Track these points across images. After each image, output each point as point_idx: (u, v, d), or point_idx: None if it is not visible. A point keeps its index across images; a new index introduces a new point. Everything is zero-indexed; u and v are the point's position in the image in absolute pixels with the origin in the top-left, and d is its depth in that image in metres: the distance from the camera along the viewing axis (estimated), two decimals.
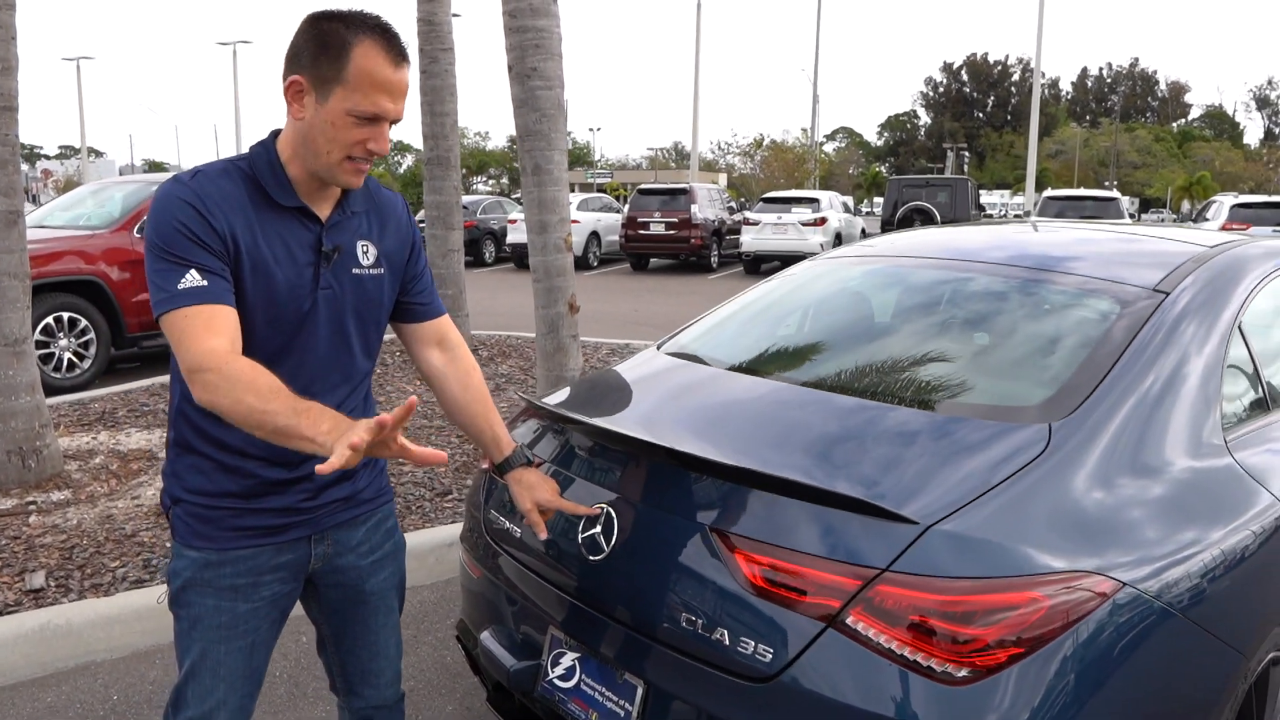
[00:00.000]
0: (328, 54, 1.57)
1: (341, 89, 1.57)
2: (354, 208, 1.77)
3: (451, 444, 5.49)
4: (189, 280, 1.55)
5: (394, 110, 1.62)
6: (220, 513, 1.73)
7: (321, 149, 1.62)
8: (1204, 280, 2.36)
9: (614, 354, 8.60)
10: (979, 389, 2.24)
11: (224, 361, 1.51)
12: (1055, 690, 1.58)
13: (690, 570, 1.87)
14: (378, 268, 1.80)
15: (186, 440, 1.73)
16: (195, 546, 1.74)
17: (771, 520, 1.81)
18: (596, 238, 21.19)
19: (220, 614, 1.75)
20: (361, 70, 1.57)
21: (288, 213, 1.67)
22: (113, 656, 3.36)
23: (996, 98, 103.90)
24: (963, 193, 20.03)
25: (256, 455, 1.71)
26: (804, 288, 3.07)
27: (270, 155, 1.68)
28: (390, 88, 1.60)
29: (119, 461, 5.17)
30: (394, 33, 1.61)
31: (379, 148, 1.63)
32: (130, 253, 8.06)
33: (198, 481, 1.73)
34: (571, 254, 5.54)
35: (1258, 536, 2.00)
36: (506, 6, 5.25)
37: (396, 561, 2.01)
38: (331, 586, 1.91)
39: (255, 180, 1.66)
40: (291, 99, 1.62)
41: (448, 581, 4.03)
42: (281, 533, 1.77)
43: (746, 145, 45.92)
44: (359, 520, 1.90)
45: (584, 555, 2.06)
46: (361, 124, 1.60)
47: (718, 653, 1.77)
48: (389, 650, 2.01)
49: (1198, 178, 53.14)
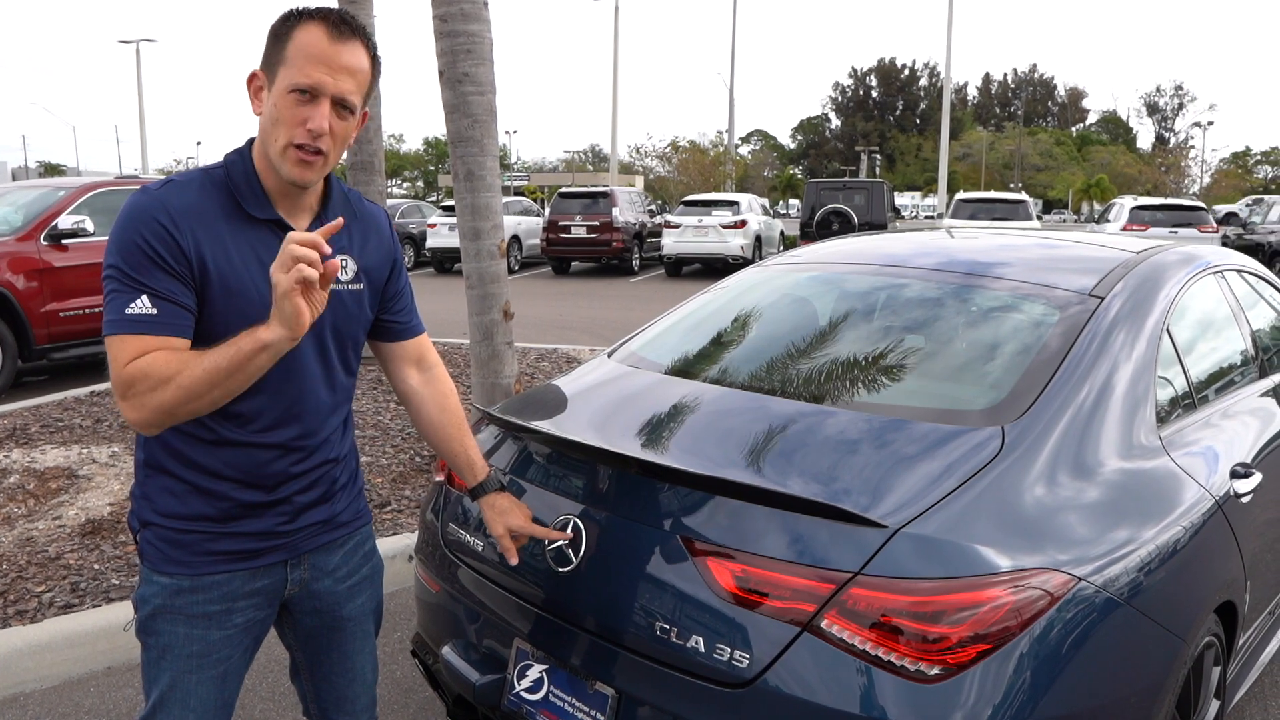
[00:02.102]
0: (277, 42, 1.58)
1: (284, 70, 1.56)
2: (331, 220, 1.70)
3: (387, 454, 5.41)
4: (139, 306, 1.50)
5: (333, 85, 1.55)
6: (194, 536, 1.67)
7: (271, 137, 1.58)
8: (1134, 285, 2.48)
9: (543, 359, 8.58)
10: (933, 394, 2.31)
11: (145, 364, 1.48)
12: (1020, 682, 1.65)
13: (662, 579, 1.89)
14: (357, 283, 1.76)
15: (158, 461, 1.67)
16: (166, 572, 1.68)
17: (743, 527, 1.84)
18: (517, 241, 21.07)
19: (192, 643, 1.69)
20: (299, 45, 1.56)
21: (262, 225, 1.63)
22: (43, 686, 3.23)
23: (905, 102, 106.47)
24: (879, 195, 20.48)
25: (232, 477, 1.66)
26: (750, 295, 3.11)
27: (246, 164, 1.63)
28: (328, 59, 1.55)
29: (36, 480, 4.95)
30: (342, 15, 1.59)
31: (317, 125, 1.55)
32: (37, 261, 7.74)
33: (170, 504, 1.67)
34: (505, 260, 5.51)
35: (1191, 529, 2.11)
36: (437, 10, 5.19)
37: (374, 585, 1.96)
38: (307, 613, 1.86)
39: (230, 190, 1.61)
40: (253, 95, 1.61)
41: (391, 595, 3.97)
42: (257, 557, 1.72)
43: (664, 148, 46.10)
44: (337, 544, 1.85)
45: (551, 567, 2.06)
46: (302, 102, 1.55)
47: (692, 660, 1.79)
48: (365, 676, 1.96)
49: (1096, 180, 55.32)
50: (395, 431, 5.86)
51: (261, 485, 1.69)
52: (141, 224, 1.53)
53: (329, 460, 1.78)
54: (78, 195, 8.36)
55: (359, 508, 1.91)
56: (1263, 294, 3.35)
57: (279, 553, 1.75)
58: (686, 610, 1.83)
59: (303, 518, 1.76)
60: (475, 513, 2.38)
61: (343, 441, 1.82)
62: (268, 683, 3.24)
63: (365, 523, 1.93)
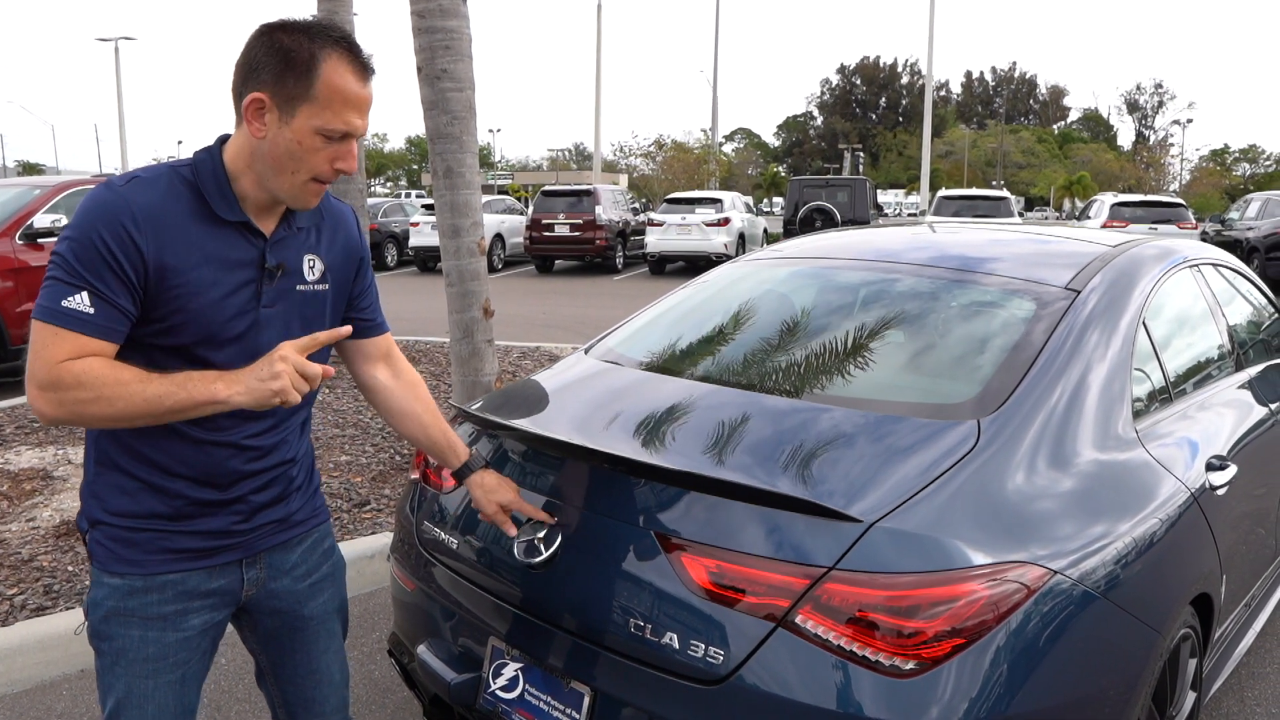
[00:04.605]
0: (294, 70, 1.50)
1: (309, 107, 1.51)
2: (300, 223, 1.69)
3: (367, 453, 5.37)
4: (77, 302, 1.46)
5: (363, 127, 1.57)
6: (146, 535, 1.63)
7: (286, 168, 1.55)
8: (1110, 279, 2.48)
9: (525, 357, 8.55)
10: (910, 388, 2.31)
11: (80, 370, 1.45)
12: (996, 676, 1.64)
13: (636, 576, 1.88)
14: (323, 283, 1.74)
15: (109, 457, 1.63)
16: (117, 572, 1.63)
17: (717, 523, 1.83)
18: (501, 240, 21.00)
19: (147, 645, 1.64)
20: (332, 87, 1.51)
21: (229, 227, 1.59)
22: (14, 690, 3.18)
23: (888, 99, 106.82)
24: (861, 193, 20.54)
25: (186, 475, 1.63)
26: (729, 290, 3.10)
27: (216, 165, 1.59)
28: (360, 104, 1.55)
29: (10, 482, 4.90)
30: (359, 46, 1.57)
31: (348, 166, 1.57)
32: (12, 260, 7.64)
33: (121, 503, 1.63)
34: (485, 258, 5.49)
35: (1167, 521, 2.11)
36: (415, 7, 5.16)
37: (336, 584, 1.93)
38: (267, 614, 1.82)
39: (197, 190, 1.57)
40: (251, 117, 1.53)
41: (370, 594, 3.95)
42: (211, 556, 1.68)
43: (647, 146, 46.08)
44: (293, 542, 1.82)
45: (524, 563, 2.04)
46: (330, 142, 1.55)
47: (667, 658, 1.78)
48: (332, 676, 1.93)
49: (1078, 177, 55.63)
50: (376, 430, 5.82)
51: (216, 484, 1.66)
52: (102, 222, 1.48)
53: (286, 460, 1.76)
54: (53, 194, 8.28)
55: (315, 505, 1.88)
56: (1239, 288, 3.36)
57: (234, 552, 1.71)
58: (661, 607, 1.81)
59: (258, 517, 1.73)
60: (451, 510, 2.36)
61: (300, 442, 1.80)
62: (244, 684, 3.20)
63: (323, 520, 1.90)
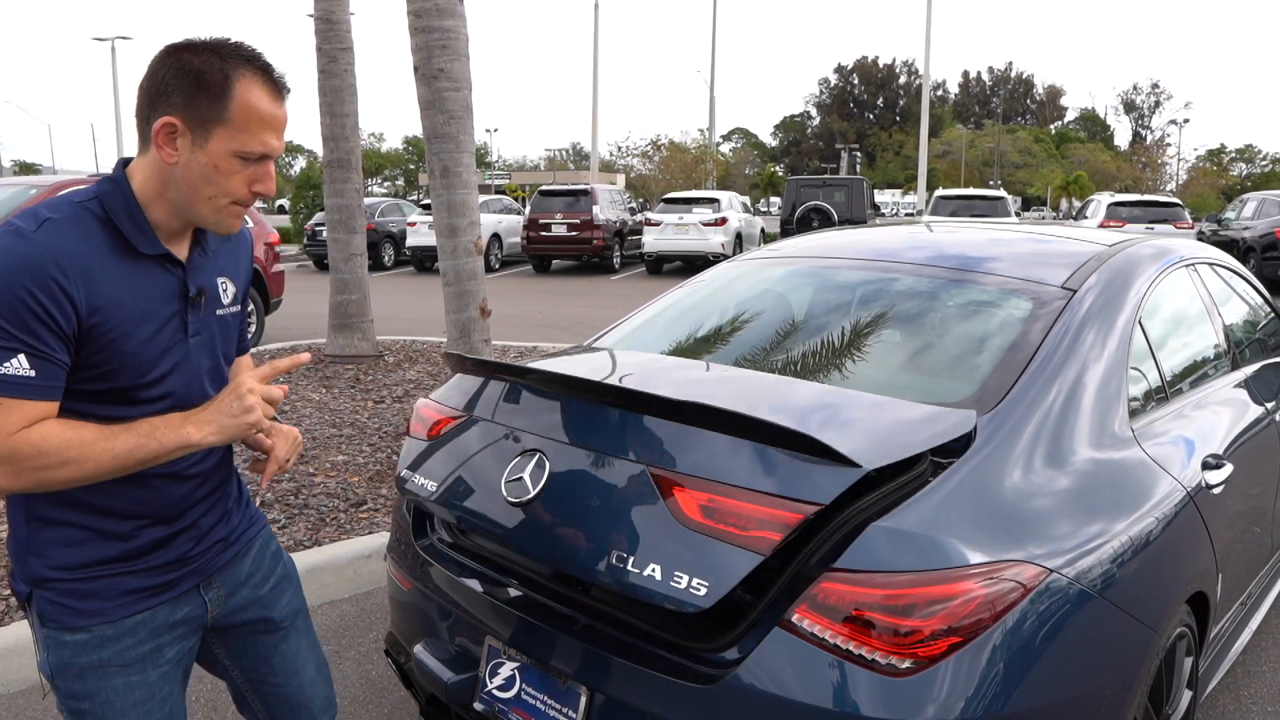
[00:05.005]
0: (207, 92, 1.46)
1: (224, 129, 1.48)
2: (211, 245, 1.67)
3: (364, 452, 5.37)
4: (15, 366, 1.39)
5: (279, 147, 1.54)
6: (104, 581, 1.58)
7: (203, 194, 1.51)
8: (1107, 278, 2.48)
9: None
10: (906, 386, 2.30)
11: (37, 439, 1.41)
12: (993, 675, 1.64)
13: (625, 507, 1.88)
14: (235, 305, 1.73)
15: (45, 513, 1.55)
16: (81, 627, 1.56)
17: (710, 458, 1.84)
18: (498, 240, 21.00)
19: (133, 690, 1.60)
20: (248, 108, 1.48)
21: (149, 260, 1.54)
22: (10, 690, 3.17)
23: (885, 99, 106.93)
24: (858, 192, 20.55)
25: (139, 514, 1.59)
26: (726, 289, 3.10)
27: (127, 197, 1.52)
28: (276, 124, 1.52)
29: None
30: (271, 64, 1.53)
31: (266, 188, 1.54)
32: None
33: (69, 555, 1.56)
34: (482, 258, 5.49)
35: (1163, 520, 2.11)
36: (412, 6, 5.16)
37: (294, 584, 1.91)
38: (237, 627, 1.81)
39: (112, 225, 1.50)
40: (163, 142, 1.48)
41: (368, 594, 3.95)
42: (173, 587, 1.66)
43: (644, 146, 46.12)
44: (240, 555, 1.81)
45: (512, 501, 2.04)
46: (248, 164, 1.52)
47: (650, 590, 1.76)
48: (311, 674, 1.91)
49: (1075, 177, 55.69)
50: (372, 430, 5.82)
51: (167, 518, 1.63)
52: (27, 276, 1.40)
53: (224, 479, 1.76)
54: (50, 194, 8.25)
55: (252, 514, 1.87)
56: (1235, 287, 3.36)
57: (191, 578, 1.69)
58: (649, 537, 1.81)
59: (207, 539, 1.71)
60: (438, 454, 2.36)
61: (229, 458, 1.79)
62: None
63: (261, 525, 1.89)
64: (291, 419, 6.06)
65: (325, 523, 4.35)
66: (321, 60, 7.89)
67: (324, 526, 4.31)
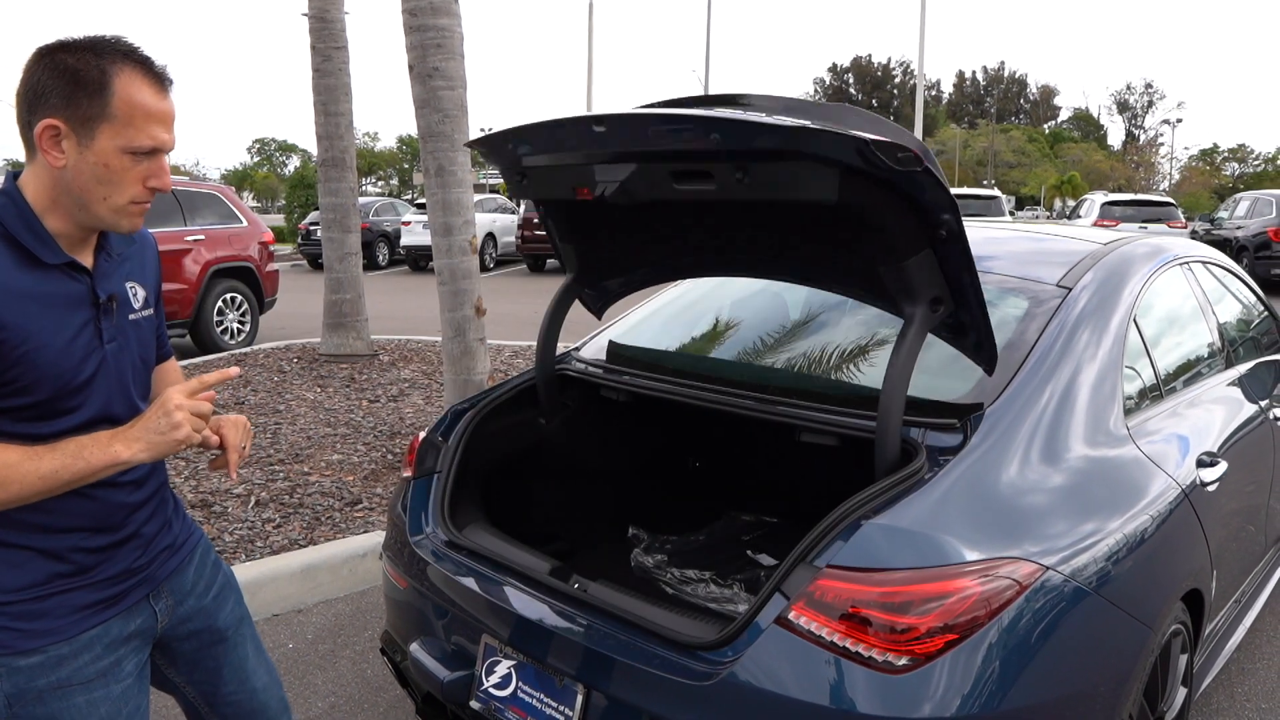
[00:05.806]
0: (85, 90, 1.42)
1: (108, 126, 1.43)
2: (116, 249, 1.63)
3: (359, 451, 5.36)
4: None
5: (170, 141, 1.50)
6: (54, 599, 1.54)
7: (97, 195, 1.47)
8: (1101, 276, 2.48)
9: (517, 356, 8.53)
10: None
11: None
12: (989, 672, 1.65)
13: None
14: (147, 309, 1.70)
15: None
16: (34, 649, 1.52)
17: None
18: (492, 239, 20.98)
19: (97, 707, 1.57)
20: (130, 102, 1.44)
21: (54, 270, 1.50)
22: None
23: (880, 99, 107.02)
24: None
25: (79, 527, 1.56)
26: (722, 289, 3.10)
27: (22, 208, 1.47)
28: (163, 117, 1.48)
29: None
30: (149, 57, 1.49)
31: (161, 184, 1.50)
32: None
33: (13, 577, 1.51)
34: (477, 256, 5.48)
35: (1158, 518, 2.12)
36: (406, 5, 5.15)
37: (236, 592, 1.89)
38: (185, 638, 1.78)
39: (11, 239, 1.46)
40: (47, 146, 1.43)
41: (363, 593, 3.94)
42: (124, 599, 1.63)
43: None
44: (185, 565, 1.78)
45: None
46: (139, 160, 1.47)
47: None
48: (263, 679, 1.89)
49: (1069, 177, 55.83)
50: (367, 429, 5.81)
51: (110, 527, 1.60)
52: None
53: (160, 484, 1.73)
54: None
55: (188, 524, 1.84)
56: (1228, 286, 3.38)
57: (140, 588, 1.67)
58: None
59: (152, 547, 1.69)
60: None
61: (162, 465, 1.76)
62: None
63: (199, 536, 1.87)
64: (286, 418, 6.06)
65: (320, 522, 4.35)
66: (316, 59, 7.88)
67: (319, 525, 4.30)
